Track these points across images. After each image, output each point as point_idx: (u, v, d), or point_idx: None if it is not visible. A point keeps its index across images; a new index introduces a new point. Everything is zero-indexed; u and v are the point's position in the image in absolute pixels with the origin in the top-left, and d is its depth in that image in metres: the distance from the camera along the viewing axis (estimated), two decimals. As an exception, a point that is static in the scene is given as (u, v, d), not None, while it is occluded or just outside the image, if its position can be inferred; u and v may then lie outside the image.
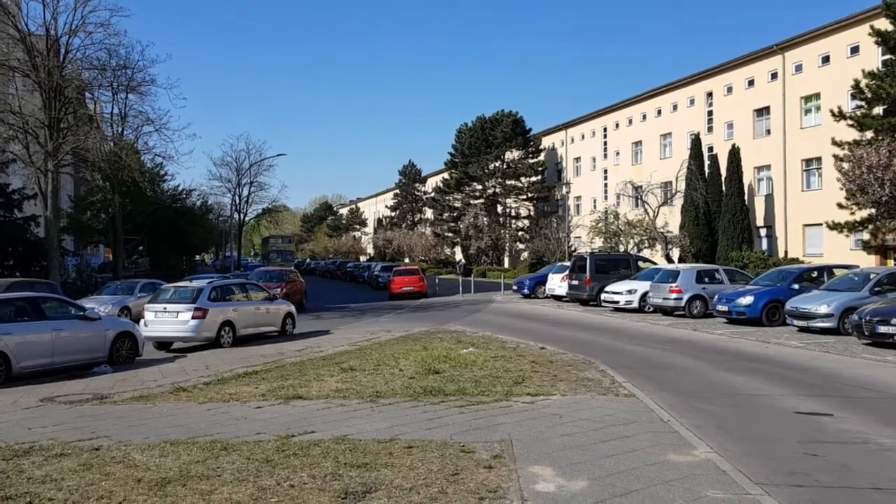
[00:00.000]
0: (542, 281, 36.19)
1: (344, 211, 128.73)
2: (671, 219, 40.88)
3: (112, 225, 38.83)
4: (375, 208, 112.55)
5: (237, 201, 66.77)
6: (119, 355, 15.85)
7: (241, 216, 69.03)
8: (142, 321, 18.82)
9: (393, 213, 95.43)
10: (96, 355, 15.36)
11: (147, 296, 23.45)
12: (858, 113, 26.49)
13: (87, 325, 15.29)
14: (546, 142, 65.20)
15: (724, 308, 21.98)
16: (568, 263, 34.44)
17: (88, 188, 45.09)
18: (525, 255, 60.77)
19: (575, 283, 31.13)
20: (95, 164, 31.72)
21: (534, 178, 64.10)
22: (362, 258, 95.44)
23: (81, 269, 41.12)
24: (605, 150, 55.88)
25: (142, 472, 7.10)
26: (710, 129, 44.07)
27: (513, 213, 67.38)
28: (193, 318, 18.26)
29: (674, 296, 24.51)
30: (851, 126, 26.44)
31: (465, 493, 6.31)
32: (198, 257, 77.41)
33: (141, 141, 36.51)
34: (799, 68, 37.47)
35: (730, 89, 42.77)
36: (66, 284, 31.55)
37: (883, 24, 26.08)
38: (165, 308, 18.70)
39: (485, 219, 65.43)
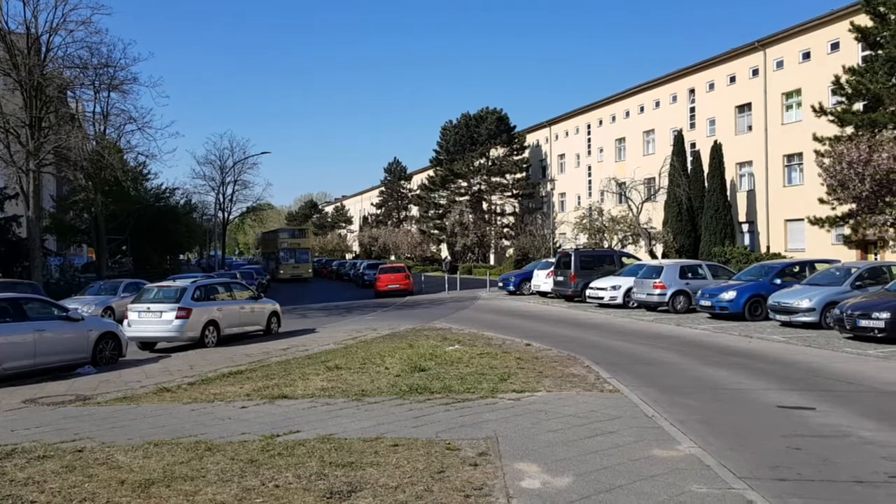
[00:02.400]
0: (528, 277, 36.30)
1: (329, 209, 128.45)
2: (654, 215, 41.07)
3: (95, 224, 38.53)
4: (361, 206, 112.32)
5: (221, 200, 66.39)
6: (102, 356, 15.73)
7: (226, 215, 68.69)
8: (125, 321, 18.71)
9: (378, 211, 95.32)
10: (79, 356, 15.23)
11: (130, 296, 23.34)
12: (839, 109, 26.68)
13: (69, 325, 15.16)
14: (530, 139, 65.34)
15: (708, 303, 22.13)
16: (553, 260, 34.54)
17: (71, 188, 44.73)
18: (510, 251, 60.89)
19: (560, 279, 31.23)
20: (77, 163, 31.47)
21: (518, 175, 64.27)
22: (348, 256, 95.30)
23: (64, 269, 40.81)
24: (589, 146, 56.07)
25: (125, 473, 7.06)
26: (692, 126, 44.31)
27: (498, 210, 67.48)
28: (177, 317, 18.16)
29: (657, 291, 24.62)
30: (832, 122, 26.63)
31: (451, 490, 6.31)
32: (182, 256, 76.85)
33: (123, 140, 36.29)
34: (780, 64, 37.73)
35: (711, 86, 43.01)
36: (48, 285, 31.28)
37: (863, 20, 26.28)
38: (149, 308, 18.58)
39: (470, 216, 65.48)
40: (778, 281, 21.59)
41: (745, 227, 40.01)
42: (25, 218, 31.75)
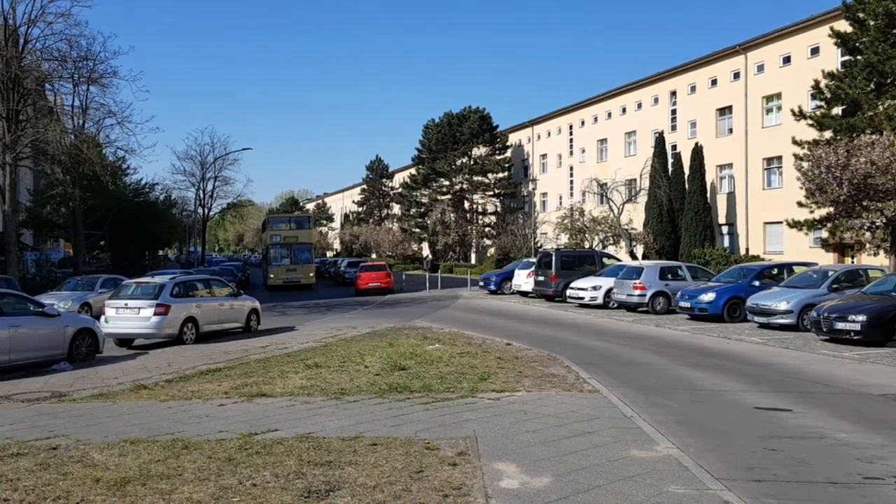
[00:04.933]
0: (509, 277, 36.37)
1: (310, 206, 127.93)
2: (635, 216, 41.30)
3: (72, 219, 38.10)
4: (342, 203, 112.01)
5: (201, 196, 65.82)
6: (79, 352, 15.58)
7: (206, 211, 68.12)
8: (102, 317, 18.53)
9: (360, 209, 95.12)
10: (55, 352, 15.08)
11: (108, 291, 23.15)
12: (818, 113, 26.97)
13: (45, 321, 14.99)
14: (513, 138, 65.47)
15: (687, 304, 22.27)
16: (534, 260, 34.62)
17: (48, 182, 44.18)
18: (492, 251, 60.97)
19: (541, 279, 31.31)
20: (55, 157, 31.12)
21: (500, 175, 64.37)
22: (329, 253, 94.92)
23: (41, 264, 40.27)
24: (571, 147, 56.27)
25: (101, 471, 6.98)
26: (673, 128, 44.59)
27: (480, 209, 67.57)
28: (155, 314, 18.00)
29: (637, 292, 24.75)
30: (811, 126, 26.92)
31: (430, 490, 6.30)
32: (161, 252, 76.05)
33: (102, 134, 35.80)
34: (761, 68, 38.05)
35: (693, 88, 43.30)
36: (24, 280, 30.91)
37: (842, 25, 26.58)
38: (127, 304, 18.40)
39: (452, 215, 65.52)
40: (756, 283, 21.80)
41: (725, 229, 40.32)
42: (1, 212, 31.33)
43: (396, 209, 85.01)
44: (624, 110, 49.81)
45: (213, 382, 12.25)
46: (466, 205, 67.26)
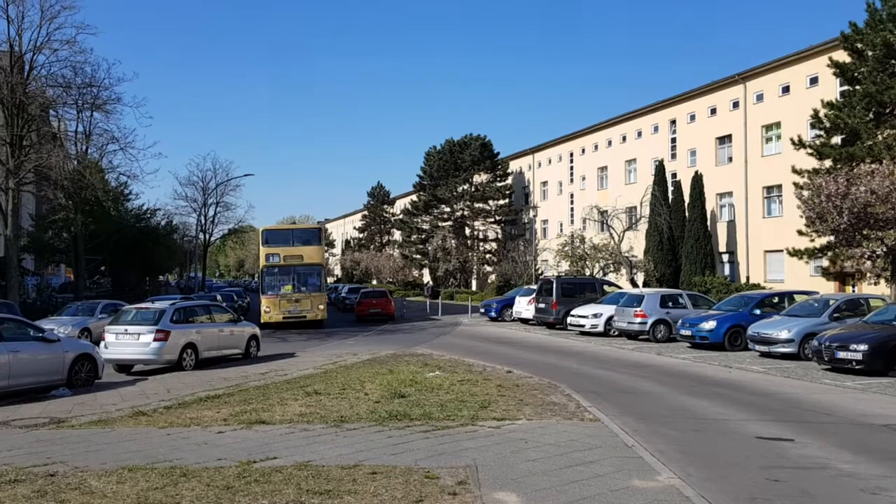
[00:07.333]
0: (510, 304, 36.31)
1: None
2: (636, 243, 41.33)
3: (74, 244, 38.21)
4: (343, 229, 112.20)
5: (203, 221, 65.91)
6: (78, 378, 15.50)
7: (207, 236, 68.18)
8: (102, 343, 18.49)
9: (361, 235, 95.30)
10: (54, 378, 15.02)
11: (108, 317, 23.13)
12: (817, 142, 27.09)
13: (45, 346, 14.95)
14: (514, 165, 65.76)
15: (688, 333, 22.22)
16: (535, 287, 34.60)
17: (50, 207, 44.39)
18: (492, 277, 60.95)
19: (541, 306, 31.27)
20: (58, 182, 31.29)
21: (501, 202, 64.55)
22: (330, 279, 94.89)
23: (42, 288, 40.30)
24: (572, 174, 56.48)
25: (98, 499, 6.94)
26: (673, 156, 44.78)
27: (480, 236, 67.65)
28: (155, 340, 17.95)
29: (638, 320, 24.71)
30: (811, 155, 27.03)
31: (429, 520, 6.26)
32: (161, 278, 76.01)
33: (105, 159, 36.11)
34: (760, 97, 38.31)
35: (693, 117, 43.55)
36: (25, 304, 30.91)
37: (841, 55, 26.80)
38: (126, 330, 18.36)
39: (453, 241, 65.57)
40: (757, 311, 21.76)
41: (726, 258, 40.33)
42: (3, 237, 31.46)
43: (397, 235, 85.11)
44: (624, 138, 50.08)
45: (212, 409, 12.20)
46: (467, 231, 67.38)
